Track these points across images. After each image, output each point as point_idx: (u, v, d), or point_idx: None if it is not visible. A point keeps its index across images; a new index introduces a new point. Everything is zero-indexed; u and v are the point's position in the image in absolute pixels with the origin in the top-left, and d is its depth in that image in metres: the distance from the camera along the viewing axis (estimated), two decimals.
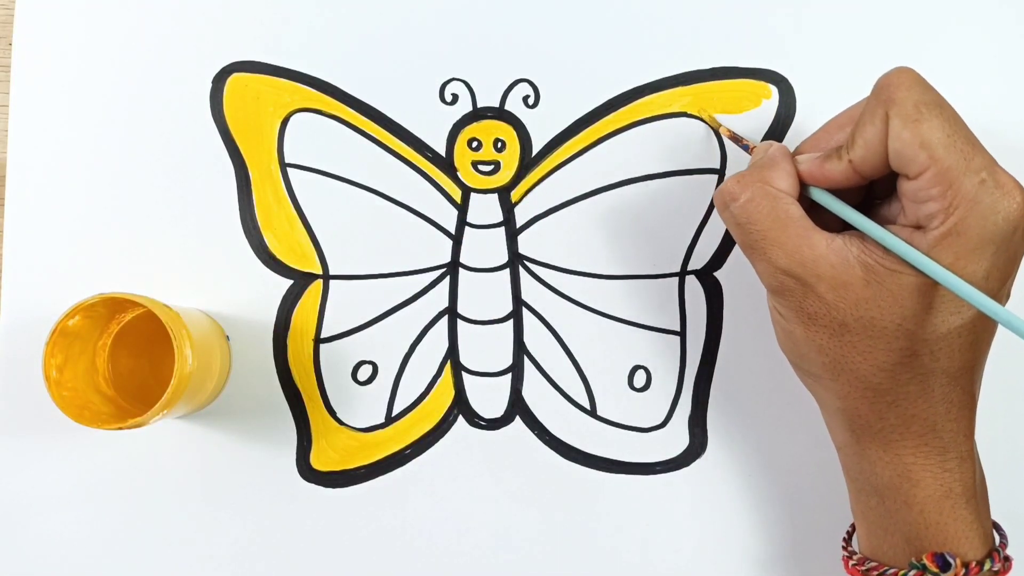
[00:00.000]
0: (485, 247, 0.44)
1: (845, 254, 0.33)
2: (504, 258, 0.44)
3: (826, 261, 0.33)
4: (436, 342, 0.44)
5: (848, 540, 0.39)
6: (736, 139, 0.42)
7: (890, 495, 0.34)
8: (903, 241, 0.31)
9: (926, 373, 0.33)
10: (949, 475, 0.34)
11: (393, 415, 0.44)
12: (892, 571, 0.34)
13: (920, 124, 0.31)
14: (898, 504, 0.34)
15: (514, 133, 0.44)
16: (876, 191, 0.36)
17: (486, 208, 0.45)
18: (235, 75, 0.44)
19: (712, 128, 0.44)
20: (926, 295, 0.32)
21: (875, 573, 0.35)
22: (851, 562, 0.36)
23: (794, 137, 0.44)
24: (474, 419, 0.44)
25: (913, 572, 0.33)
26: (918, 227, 0.32)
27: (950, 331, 0.32)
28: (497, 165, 0.45)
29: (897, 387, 0.33)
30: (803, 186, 0.35)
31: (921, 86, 0.32)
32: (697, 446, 0.44)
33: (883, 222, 0.33)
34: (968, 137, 0.31)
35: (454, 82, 0.45)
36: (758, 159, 0.36)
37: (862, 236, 0.33)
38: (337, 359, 0.44)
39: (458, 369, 0.44)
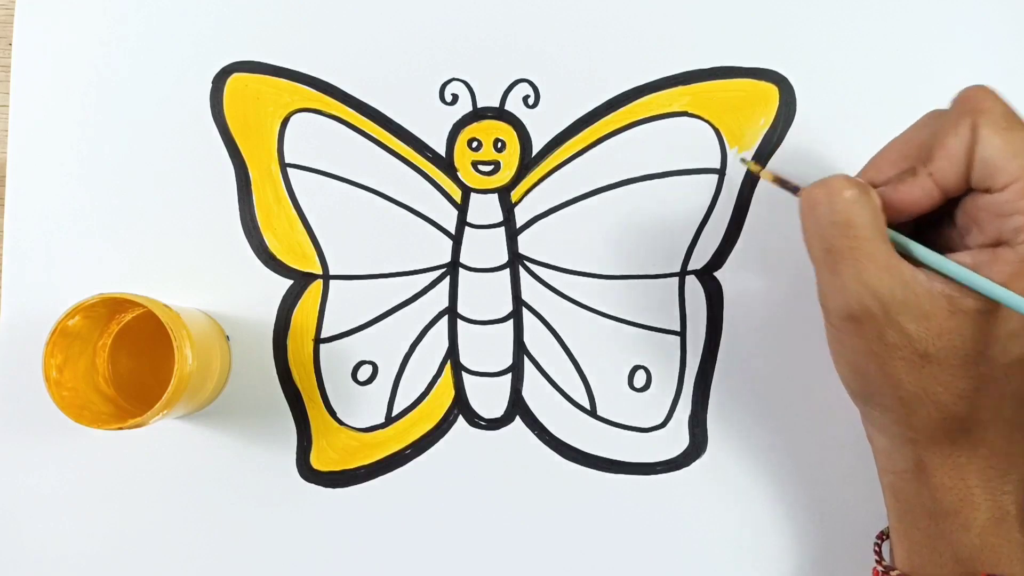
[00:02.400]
0: (485, 247, 0.44)
1: (929, 286, 0.31)
2: (504, 258, 0.44)
3: (912, 290, 0.31)
4: (436, 342, 0.44)
5: (879, 553, 0.38)
6: (783, 183, 0.38)
7: (948, 518, 0.34)
8: (995, 284, 0.31)
9: (1000, 396, 0.32)
10: (1007, 497, 0.33)
11: (393, 415, 0.44)
12: None
13: (1011, 132, 0.30)
14: (955, 527, 0.33)
15: (514, 133, 0.44)
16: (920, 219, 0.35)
17: (486, 208, 0.45)
18: (235, 75, 0.44)
19: (755, 174, 0.42)
20: (1008, 320, 0.31)
21: None
22: None
23: (795, 137, 0.44)
24: (474, 419, 0.44)
25: None
26: (998, 243, 0.31)
27: (1017, 356, 0.32)
28: (497, 165, 0.45)
29: (974, 413, 0.32)
30: None
31: (1003, 101, 0.31)
32: (697, 446, 0.44)
33: (945, 250, 0.33)
34: None
35: (454, 82, 0.45)
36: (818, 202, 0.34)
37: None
38: (337, 359, 0.44)
39: (458, 369, 0.44)
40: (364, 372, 0.44)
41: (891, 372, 0.32)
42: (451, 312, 0.44)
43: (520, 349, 0.44)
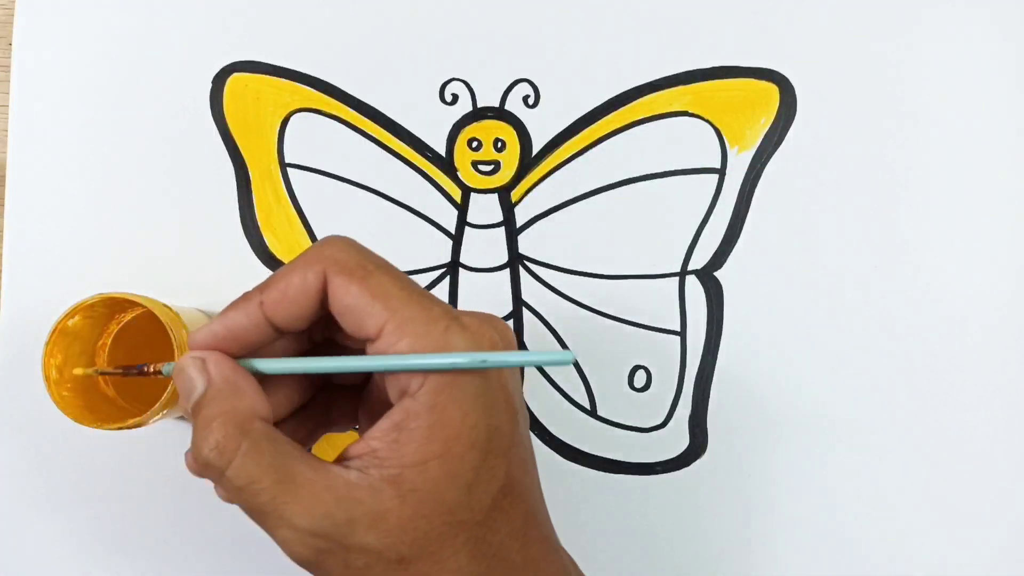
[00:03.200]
0: (485, 247, 0.44)
1: (368, 480, 0.27)
2: (504, 258, 0.44)
3: (353, 499, 0.26)
4: None
5: None
6: (127, 372, 0.34)
7: None
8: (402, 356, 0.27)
9: (509, 533, 0.29)
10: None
11: None
12: None
13: (368, 279, 0.28)
14: None
15: (514, 133, 0.44)
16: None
17: (486, 208, 0.45)
18: (235, 75, 0.44)
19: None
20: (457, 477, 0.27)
21: None
22: None
23: (795, 137, 0.44)
24: None
25: None
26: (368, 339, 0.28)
27: (492, 496, 0.28)
28: (497, 165, 0.45)
29: (490, 569, 0.28)
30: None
31: (359, 249, 0.29)
32: (697, 446, 0.44)
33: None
34: (424, 291, 0.28)
35: (454, 82, 0.45)
36: (197, 393, 0.28)
37: (365, 449, 0.27)
38: None
39: None
40: None
41: None
42: None
43: (520, 349, 0.44)
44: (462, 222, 0.45)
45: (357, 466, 0.27)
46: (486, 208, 0.45)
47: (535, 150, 0.45)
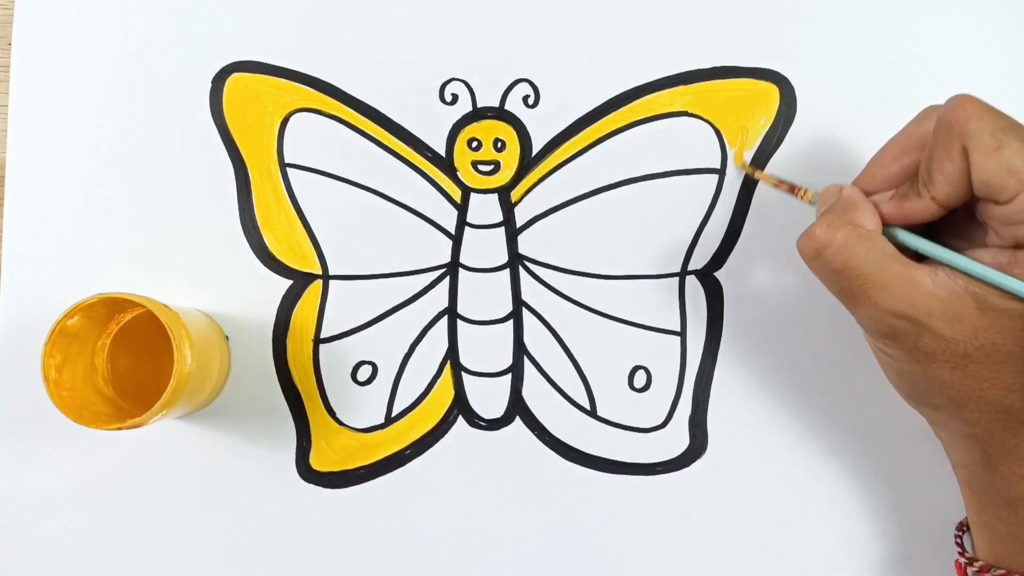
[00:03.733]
0: (485, 247, 0.44)
1: (951, 286, 0.32)
2: (504, 258, 0.44)
3: (935, 296, 0.32)
4: (436, 342, 0.44)
5: (961, 544, 0.38)
6: (790, 188, 0.41)
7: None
8: (1011, 277, 0.31)
9: None
10: None
11: (393, 415, 0.44)
12: None
13: (1001, 151, 0.31)
14: None
15: (514, 133, 0.44)
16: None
17: (486, 208, 0.45)
18: (235, 75, 0.44)
19: (754, 178, 0.43)
20: None
21: None
22: (971, 568, 0.36)
23: (795, 137, 0.44)
24: (474, 419, 0.44)
25: None
26: (1016, 246, 0.32)
27: None
28: (497, 165, 0.45)
29: None
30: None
31: (990, 113, 0.31)
32: (697, 446, 0.44)
33: (966, 246, 0.33)
34: None
35: (454, 82, 0.45)
36: (830, 203, 0.36)
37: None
38: (337, 359, 0.44)
39: (458, 369, 0.44)
40: (364, 372, 0.44)
41: (935, 375, 0.33)
42: (451, 312, 0.44)
43: (520, 349, 0.44)
44: (462, 222, 0.44)
45: (946, 270, 0.32)
46: (486, 208, 0.45)
47: (535, 150, 0.45)
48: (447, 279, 0.44)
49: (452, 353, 0.44)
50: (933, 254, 0.33)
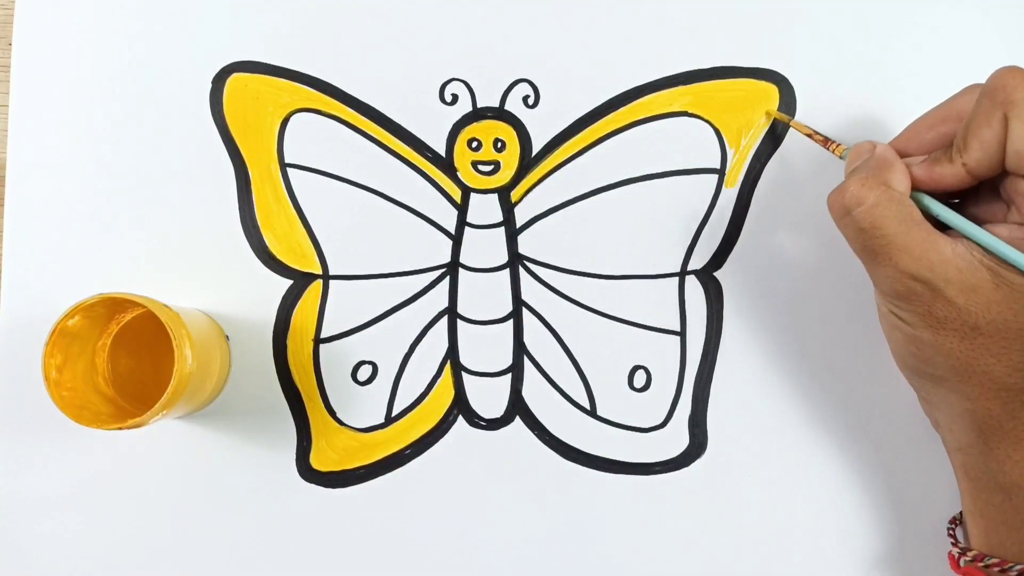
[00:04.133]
0: (485, 247, 0.44)
1: (970, 257, 0.33)
2: (504, 258, 0.44)
3: (953, 265, 0.33)
4: (436, 342, 0.44)
5: (953, 535, 0.39)
6: (823, 140, 0.41)
7: (1019, 492, 0.34)
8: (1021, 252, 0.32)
9: None
10: None
11: (393, 415, 0.44)
12: (1019, 567, 0.34)
13: None
14: None
15: (514, 133, 0.44)
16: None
17: (486, 208, 0.45)
18: (235, 75, 0.44)
19: (790, 127, 0.43)
20: None
21: (996, 569, 0.35)
22: (964, 559, 0.36)
23: (795, 137, 0.44)
24: (474, 419, 0.44)
25: None
26: None
27: None
28: (497, 165, 0.45)
29: None
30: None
31: None
32: (697, 446, 0.44)
33: (985, 220, 0.34)
34: None
35: (454, 82, 0.45)
36: (863, 161, 0.36)
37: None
38: (337, 359, 0.44)
39: (458, 369, 0.44)
40: (364, 372, 0.44)
41: (943, 343, 0.33)
42: (451, 312, 0.44)
43: (520, 349, 0.44)
44: (462, 222, 0.45)
45: (966, 242, 0.33)
46: (486, 208, 0.45)
47: (535, 150, 0.45)
48: (447, 279, 0.44)
49: (452, 353, 0.44)
50: (953, 222, 0.34)
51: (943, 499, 0.43)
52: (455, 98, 0.45)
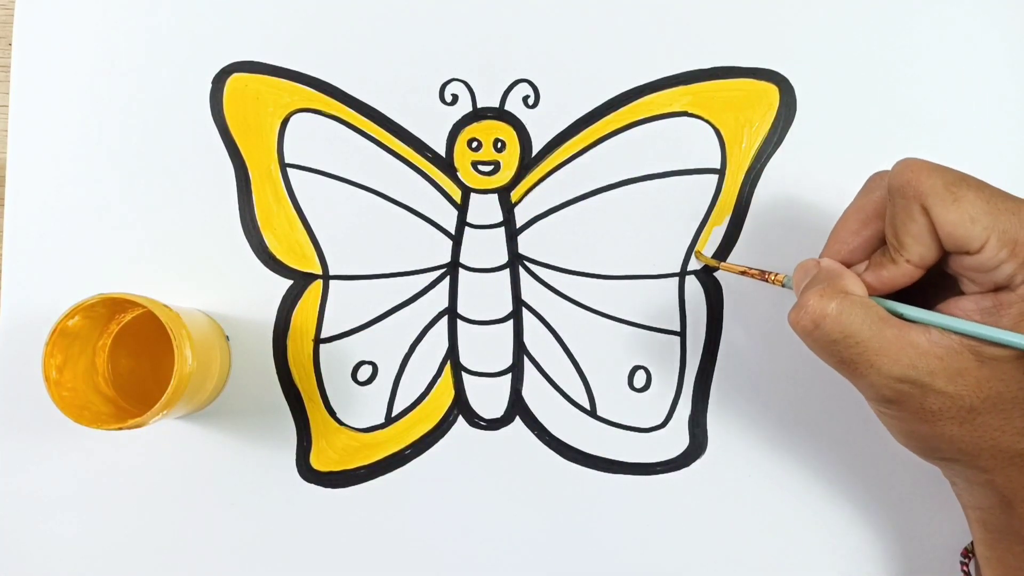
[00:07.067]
0: (485, 247, 0.44)
1: (948, 343, 0.32)
2: (504, 258, 0.44)
3: (933, 355, 0.32)
4: (436, 342, 0.44)
5: (967, 571, 0.39)
6: (759, 274, 0.40)
7: None
8: (1002, 330, 0.31)
9: None
10: None
11: (393, 415, 0.44)
12: None
13: (960, 203, 0.31)
14: None
15: (514, 133, 0.44)
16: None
17: (486, 208, 0.45)
18: (235, 75, 0.44)
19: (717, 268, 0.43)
20: None
21: None
22: None
23: (795, 137, 0.44)
24: (474, 419, 0.44)
25: None
26: (998, 288, 0.32)
27: None
28: (497, 165, 0.45)
29: None
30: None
31: (938, 169, 0.32)
32: (697, 446, 0.44)
33: (946, 296, 0.33)
34: (1000, 192, 0.31)
35: (454, 82, 0.45)
36: (812, 276, 0.35)
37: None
38: (337, 359, 0.44)
39: (458, 369, 0.44)
40: (364, 372, 0.44)
41: (943, 432, 0.33)
42: (451, 312, 0.44)
43: (520, 349, 0.44)
44: (462, 222, 0.45)
45: (937, 328, 0.32)
46: (486, 208, 0.45)
47: (535, 150, 0.45)
48: (447, 279, 0.44)
49: (452, 353, 0.44)
50: (922, 319, 0.33)
51: (941, 497, 0.43)
52: (455, 98, 0.45)
